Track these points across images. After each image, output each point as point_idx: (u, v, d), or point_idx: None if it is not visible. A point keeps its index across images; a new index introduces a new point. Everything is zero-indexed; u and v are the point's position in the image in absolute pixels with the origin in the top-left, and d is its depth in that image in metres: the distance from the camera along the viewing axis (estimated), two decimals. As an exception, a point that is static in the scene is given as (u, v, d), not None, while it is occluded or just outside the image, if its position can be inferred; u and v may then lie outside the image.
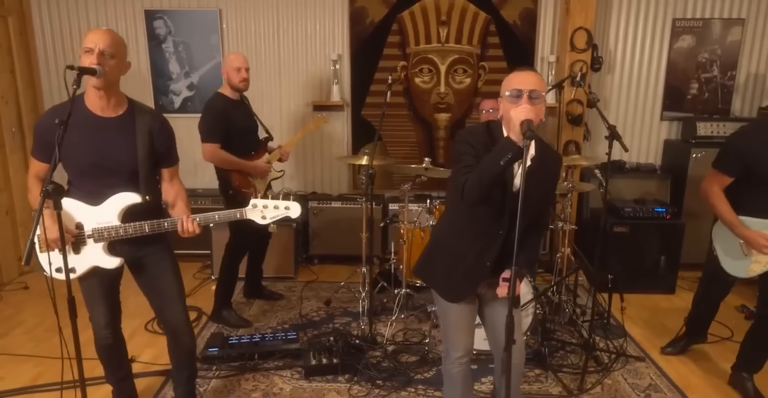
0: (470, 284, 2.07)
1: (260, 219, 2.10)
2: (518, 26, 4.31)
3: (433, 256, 2.17)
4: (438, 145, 4.57)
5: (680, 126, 4.49)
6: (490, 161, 1.80)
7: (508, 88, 1.86)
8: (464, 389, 2.18)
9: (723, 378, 2.83)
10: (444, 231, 2.16)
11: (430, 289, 2.24)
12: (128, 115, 2.11)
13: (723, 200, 2.52)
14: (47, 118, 2.06)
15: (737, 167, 2.49)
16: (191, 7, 4.29)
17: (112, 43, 1.97)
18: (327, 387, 2.76)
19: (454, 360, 2.13)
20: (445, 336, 2.18)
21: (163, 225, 2.08)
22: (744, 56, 4.38)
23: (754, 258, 2.49)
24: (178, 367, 2.43)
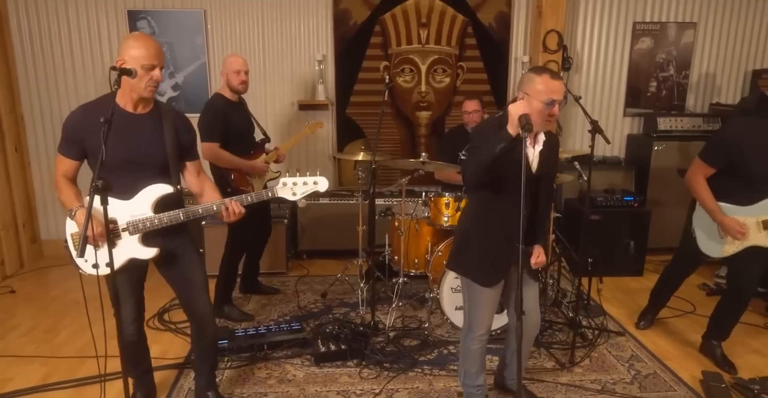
0: (503, 267, 2.26)
1: (291, 196, 2.22)
2: (493, 28, 4.56)
3: (465, 249, 2.33)
4: (420, 141, 4.77)
5: (641, 121, 4.86)
6: (487, 148, 2.01)
7: (545, 95, 2.01)
8: (481, 363, 2.40)
9: (694, 347, 3.15)
10: (471, 224, 2.32)
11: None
12: (155, 112, 2.20)
13: (706, 188, 2.78)
14: (78, 116, 2.13)
15: (722, 161, 2.74)
16: (175, 8, 4.32)
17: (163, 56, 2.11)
18: (338, 371, 2.90)
19: (476, 337, 2.32)
20: (470, 315, 2.36)
21: (198, 212, 2.18)
22: (696, 57, 4.79)
23: (729, 240, 2.79)
24: (202, 357, 2.52)
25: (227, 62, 3.28)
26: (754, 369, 2.92)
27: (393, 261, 3.77)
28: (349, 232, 4.45)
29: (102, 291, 2.26)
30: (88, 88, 4.45)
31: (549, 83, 2.02)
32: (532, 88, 2.04)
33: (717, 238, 2.84)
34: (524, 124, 1.87)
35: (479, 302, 2.30)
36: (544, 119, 2.04)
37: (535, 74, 2.06)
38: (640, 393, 2.71)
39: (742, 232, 2.72)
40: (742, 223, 2.72)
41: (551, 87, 2.02)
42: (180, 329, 3.37)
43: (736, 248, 2.80)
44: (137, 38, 2.09)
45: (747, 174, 2.69)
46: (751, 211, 2.74)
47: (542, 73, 2.05)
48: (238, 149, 3.32)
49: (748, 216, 2.74)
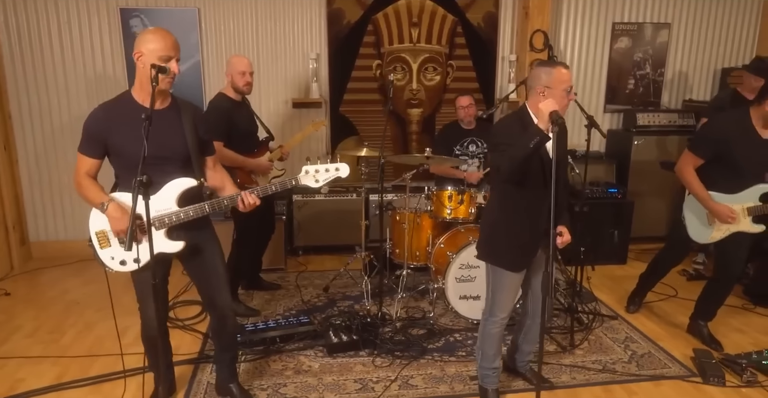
0: (532, 251, 2.41)
1: (314, 183, 2.29)
2: (482, 28, 4.71)
3: (494, 239, 2.45)
4: (411, 138, 4.89)
5: (620, 117, 5.09)
6: (522, 144, 2.15)
7: (565, 84, 2.20)
8: (498, 346, 2.55)
9: (681, 328, 3.36)
10: (499, 215, 2.44)
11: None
12: (173, 106, 2.24)
13: (695, 178, 2.98)
14: (99, 115, 2.15)
15: (709, 153, 2.94)
16: (169, 6, 4.31)
17: (179, 48, 2.13)
18: (352, 361, 2.99)
19: (497, 321, 2.47)
20: (493, 299, 2.49)
21: (223, 203, 2.23)
22: (671, 55, 5.05)
23: (716, 227, 3.00)
24: (223, 349, 2.57)
25: (232, 63, 3.31)
26: (738, 346, 3.15)
27: (394, 254, 3.87)
28: (345, 228, 4.55)
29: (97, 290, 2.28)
30: (79, 87, 4.40)
31: (564, 74, 2.22)
32: (552, 79, 2.21)
33: (705, 225, 3.04)
34: (555, 119, 2.00)
35: (504, 286, 2.44)
36: (565, 105, 2.22)
37: (550, 68, 2.23)
38: (638, 371, 2.90)
39: (733, 217, 2.91)
40: (731, 209, 2.93)
41: (565, 77, 2.22)
42: (188, 326, 3.40)
43: (723, 234, 3.00)
44: (153, 31, 2.12)
45: (733, 164, 2.90)
46: (736, 199, 2.95)
47: (555, 65, 2.23)
48: (242, 148, 3.36)
49: (734, 203, 2.94)
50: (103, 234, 2.20)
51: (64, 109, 4.44)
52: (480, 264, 3.27)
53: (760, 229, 2.96)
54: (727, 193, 2.95)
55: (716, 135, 2.94)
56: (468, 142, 3.98)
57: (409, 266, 3.72)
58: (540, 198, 2.32)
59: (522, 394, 2.71)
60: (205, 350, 3.11)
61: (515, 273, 2.41)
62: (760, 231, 2.96)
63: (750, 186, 2.93)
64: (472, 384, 2.75)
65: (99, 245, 2.22)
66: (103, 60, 4.38)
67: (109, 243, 2.20)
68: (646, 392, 2.72)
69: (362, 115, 4.74)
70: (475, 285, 3.34)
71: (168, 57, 2.07)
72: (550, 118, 2.07)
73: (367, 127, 4.77)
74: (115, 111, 2.16)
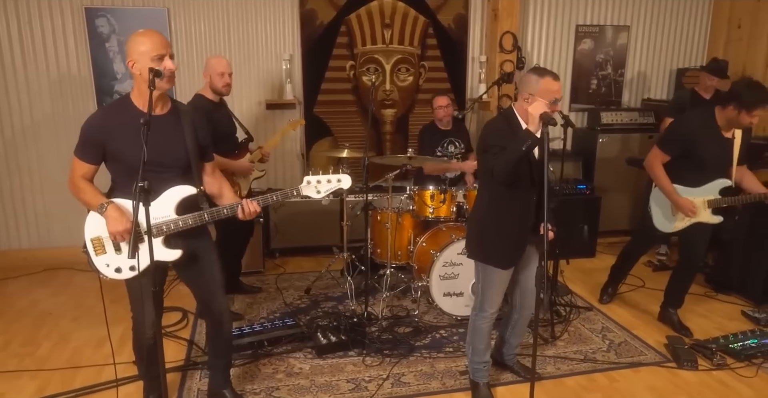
0: (519, 249, 2.48)
1: (315, 193, 2.27)
2: (452, 29, 4.80)
3: (483, 238, 2.52)
4: (385, 138, 4.93)
5: (585, 116, 5.29)
6: (514, 147, 2.22)
7: (549, 95, 2.24)
8: (488, 340, 2.63)
9: (653, 316, 3.54)
10: (487, 214, 2.51)
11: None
12: (173, 111, 2.20)
13: (663, 173, 3.17)
14: (97, 120, 2.11)
15: (677, 150, 3.13)
16: (136, 6, 4.19)
17: (169, 45, 2.08)
18: (342, 361, 3.01)
19: (487, 316, 2.54)
20: (483, 295, 2.56)
21: (223, 212, 2.21)
22: (630, 56, 5.28)
23: (679, 218, 3.20)
24: (218, 355, 2.55)
25: (210, 64, 3.27)
26: (704, 331, 3.34)
27: (375, 254, 3.91)
28: (322, 229, 4.56)
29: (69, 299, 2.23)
30: (41, 88, 4.24)
31: (552, 84, 2.26)
32: (538, 89, 2.26)
33: (669, 216, 3.25)
34: (547, 121, 2.08)
35: (494, 283, 2.51)
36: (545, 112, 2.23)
37: (538, 76, 2.29)
38: (617, 359, 3.04)
39: (693, 211, 3.12)
40: (693, 203, 3.13)
41: (554, 87, 2.26)
42: (170, 333, 3.34)
43: (685, 224, 3.21)
44: (140, 33, 2.08)
45: (697, 160, 3.09)
46: (699, 192, 3.15)
47: (544, 75, 2.28)
48: (222, 150, 3.30)
49: (697, 196, 3.14)
50: (98, 241, 2.15)
51: (25, 111, 4.26)
52: (463, 262, 3.37)
53: (718, 220, 3.18)
54: (691, 186, 3.15)
55: (684, 134, 3.13)
56: (447, 142, 4.05)
57: (391, 265, 3.77)
58: (528, 197, 2.41)
59: (511, 386, 2.80)
60: (191, 356, 3.06)
61: (505, 270, 2.49)
62: (718, 222, 3.18)
63: (712, 180, 3.13)
64: (462, 379, 2.82)
65: (94, 252, 2.16)
66: (68, 61, 4.22)
67: (104, 250, 2.15)
68: (627, 379, 2.86)
69: (337, 115, 4.75)
70: (458, 282, 3.42)
71: (160, 55, 2.02)
72: (541, 119, 2.15)
73: (342, 127, 4.78)
74: (115, 116, 2.11)
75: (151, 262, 1.91)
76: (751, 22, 4.91)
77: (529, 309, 2.68)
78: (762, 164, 4.03)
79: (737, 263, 3.87)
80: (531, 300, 2.62)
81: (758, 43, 4.84)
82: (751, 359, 2.97)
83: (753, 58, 4.90)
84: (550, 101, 2.24)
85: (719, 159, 3.11)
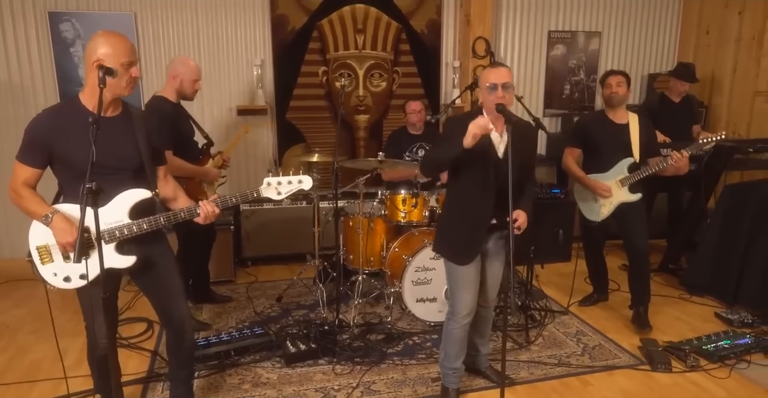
0: (475, 246, 2.45)
1: (275, 195, 2.21)
2: (425, 35, 4.80)
3: (443, 233, 2.53)
4: (359, 144, 4.88)
5: (559, 121, 5.31)
6: (443, 151, 2.29)
7: (486, 82, 2.28)
8: (461, 346, 2.57)
9: (626, 319, 3.51)
10: (446, 209, 2.54)
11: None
12: (125, 114, 2.13)
13: (573, 164, 3.48)
14: (44, 121, 2.01)
15: (577, 140, 3.48)
16: (102, 10, 4.11)
17: None
18: (311, 370, 2.93)
19: (458, 320, 2.49)
20: (452, 297, 2.52)
21: (180, 215, 2.13)
22: (602, 62, 5.32)
23: (602, 203, 3.37)
24: (179, 365, 2.45)
25: (182, 69, 3.14)
26: (679, 333, 3.32)
27: (347, 260, 3.84)
28: (295, 237, 4.48)
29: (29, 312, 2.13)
30: (3, 95, 4.12)
31: (489, 72, 2.31)
32: (480, 80, 2.32)
33: (593, 204, 3.44)
34: (509, 118, 2.07)
35: (457, 281, 2.47)
36: (492, 103, 2.24)
37: (484, 69, 2.36)
38: (591, 363, 3.00)
39: (606, 189, 3.31)
40: (605, 184, 3.33)
41: (491, 75, 2.29)
42: (133, 344, 3.22)
43: (609, 208, 3.36)
44: (109, 35, 2.00)
45: (597, 147, 3.37)
46: (609, 176, 3.34)
47: (487, 66, 2.37)
48: (187, 156, 3.22)
49: (609, 179, 3.34)
50: (45, 249, 2.05)
51: (-14, 119, 4.14)
52: (436, 267, 3.32)
53: (637, 197, 3.31)
54: (601, 172, 3.37)
55: (579, 128, 3.55)
56: (417, 147, 4.02)
57: (363, 272, 3.70)
58: (485, 195, 2.37)
59: (483, 392, 2.74)
60: (155, 368, 2.95)
61: (464, 267, 2.44)
62: (638, 199, 3.32)
63: (616, 162, 3.32)
64: (434, 386, 2.76)
65: (40, 260, 2.06)
66: (31, 66, 4.12)
67: (51, 259, 2.05)
68: (601, 382, 2.82)
69: (309, 121, 4.70)
70: (431, 288, 3.36)
71: (130, 62, 1.98)
72: (504, 116, 2.12)
73: (315, 133, 4.73)
74: (62, 117, 2.02)
75: (101, 269, 1.83)
76: (719, 29, 4.99)
77: (487, 306, 2.66)
78: (732, 166, 4.05)
79: (710, 265, 3.87)
80: (490, 296, 2.62)
81: (726, 48, 4.92)
82: (725, 360, 2.96)
83: (721, 63, 4.97)
84: (487, 87, 2.27)
85: (615, 143, 3.31)
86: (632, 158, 3.29)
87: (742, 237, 3.65)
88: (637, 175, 3.27)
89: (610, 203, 3.34)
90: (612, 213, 3.37)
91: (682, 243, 4.32)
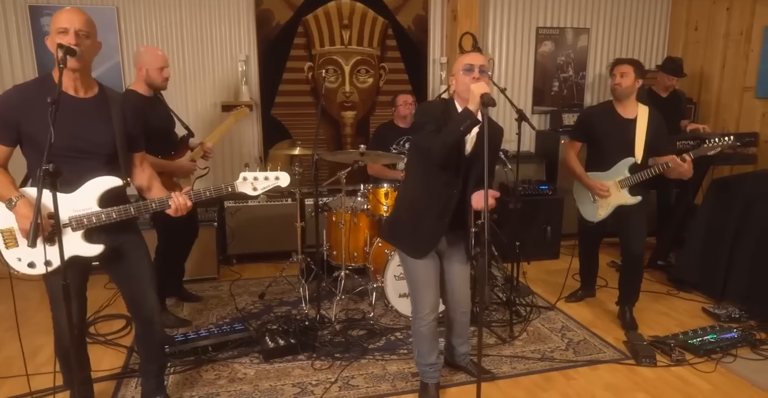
0: (431, 240, 2.37)
1: (251, 191, 2.16)
2: (412, 30, 4.76)
3: (397, 219, 2.47)
4: (346, 141, 4.84)
5: (548, 118, 5.27)
6: (453, 127, 2.14)
7: (461, 64, 2.25)
8: (431, 342, 2.50)
9: (613, 315, 3.46)
10: (406, 197, 2.47)
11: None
12: (101, 96, 2.08)
13: (575, 160, 3.33)
14: (12, 97, 1.96)
15: (580, 134, 3.35)
16: (84, 4, 4.07)
17: (86, 22, 1.96)
18: (290, 366, 2.87)
19: (423, 318, 2.43)
20: (413, 296, 2.47)
21: (151, 206, 2.08)
22: (590, 59, 5.30)
23: (600, 204, 3.26)
24: (149, 359, 2.39)
25: (147, 58, 3.05)
26: (665, 328, 3.28)
27: (331, 256, 3.78)
28: (281, 234, 4.42)
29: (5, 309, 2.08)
30: (-17, 90, 4.07)
31: (464, 55, 2.30)
32: (455, 67, 2.29)
33: (591, 204, 3.32)
34: (486, 101, 2.00)
35: (416, 278, 2.41)
36: (466, 85, 2.18)
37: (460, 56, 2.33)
38: (575, 357, 2.95)
39: (604, 190, 3.19)
40: (603, 184, 3.21)
41: (466, 58, 2.27)
42: (110, 340, 3.16)
43: (607, 210, 3.26)
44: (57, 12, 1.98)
45: (600, 143, 3.24)
46: (608, 175, 3.22)
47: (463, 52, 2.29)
48: (159, 149, 3.10)
49: (608, 179, 3.22)
50: (9, 233, 1.99)
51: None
52: (418, 261, 3.26)
53: (636, 200, 3.18)
54: (601, 170, 3.25)
55: (583, 120, 3.41)
56: (404, 140, 3.98)
57: (347, 268, 3.65)
58: (449, 189, 2.31)
59: (463, 387, 2.68)
60: (130, 364, 2.89)
61: (422, 264, 2.38)
62: (636, 202, 3.18)
63: (617, 161, 3.18)
64: (414, 381, 2.70)
65: (4, 244, 2.01)
66: (11, 60, 4.07)
67: (16, 243, 2.00)
68: (584, 376, 2.77)
69: (295, 117, 4.66)
70: (414, 283, 3.30)
71: (62, 28, 1.91)
72: (481, 100, 2.06)
73: (301, 130, 4.68)
74: (32, 94, 1.96)
75: (61, 256, 1.78)
76: (708, 25, 4.97)
77: (459, 310, 2.57)
78: (719, 161, 4.01)
79: (698, 261, 3.83)
80: (459, 300, 2.53)
81: (714, 44, 4.90)
82: (711, 354, 2.91)
83: (710, 59, 4.95)
84: (462, 69, 2.22)
85: (618, 139, 3.15)
86: (633, 159, 3.13)
87: (729, 232, 3.61)
88: (637, 177, 3.11)
89: (608, 204, 3.22)
90: (612, 213, 3.24)
91: (670, 240, 4.28)
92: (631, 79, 3.09)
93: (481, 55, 2.28)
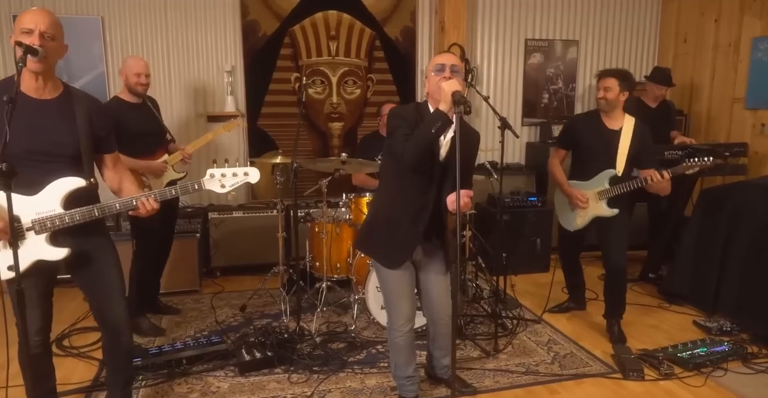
0: (406, 249, 2.30)
1: (219, 188, 2.10)
2: (400, 42, 4.75)
3: (371, 228, 2.40)
4: (333, 152, 4.79)
5: (538, 130, 5.24)
6: (425, 129, 2.08)
7: (432, 65, 2.21)
8: (408, 355, 2.41)
9: (601, 328, 3.37)
10: (379, 204, 2.40)
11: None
12: (65, 97, 2.04)
13: (557, 168, 3.33)
14: None
15: (565, 142, 3.34)
16: (69, 14, 4.05)
17: (52, 24, 1.93)
18: (265, 379, 2.78)
19: (398, 329, 2.35)
20: (387, 307, 2.39)
21: (115, 207, 2.02)
22: (580, 71, 5.28)
23: (578, 213, 3.24)
24: (115, 370, 2.31)
25: (127, 64, 3.16)
26: (655, 341, 3.19)
27: (314, 267, 3.71)
28: (265, 246, 4.33)
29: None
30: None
31: (436, 58, 2.26)
32: (427, 69, 2.29)
33: (569, 213, 3.29)
34: (458, 99, 1.94)
35: (390, 288, 2.34)
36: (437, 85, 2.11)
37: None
38: (560, 371, 2.86)
39: (582, 201, 3.16)
40: (583, 194, 3.17)
41: (438, 58, 2.24)
42: (83, 353, 3.07)
43: (584, 220, 3.23)
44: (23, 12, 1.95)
45: (582, 152, 3.24)
46: (589, 185, 3.19)
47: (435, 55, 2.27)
48: (134, 150, 3.10)
49: (588, 189, 3.18)
50: None
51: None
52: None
53: (613, 213, 3.13)
54: (582, 179, 3.22)
55: (567, 127, 3.38)
56: (388, 150, 3.93)
57: (330, 279, 3.57)
58: (422, 195, 2.25)
59: (444, 401, 2.59)
60: (100, 377, 2.79)
61: (396, 274, 2.31)
62: (613, 215, 3.12)
63: (599, 172, 3.14)
64: (392, 395, 2.61)
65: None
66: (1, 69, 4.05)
67: None
68: (569, 390, 2.68)
69: (281, 128, 4.62)
70: (396, 294, 3.22)
71: (27, 29, 1.87)
72: (453, 98, 2.00)
73: (287, 141, 4.63)
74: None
75: (15, 259, 1.72)
76: (697, 37, 4.97)
77: (440, 322, 2.46)
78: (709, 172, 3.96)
79: (689, 273, 3.75)
80: (440, 311, 2.43)
81: (704, 56, 4.88)
82: (700, 368, 2.82)
83: (700, 71, 4.93)
84: (434, 70, 2.18)
85: (601, 150, 3.13)
86: (614, 171, 3.08)
87: (719, 243, 3.54)
88: (616, 189, 3.06)
89: (586, 214, 3.20)
90: (594, 224, 3.20)
91: (661, 252, 4.21)
92: (614, 93, 3.06)
93: (453, 55, 2.26)
